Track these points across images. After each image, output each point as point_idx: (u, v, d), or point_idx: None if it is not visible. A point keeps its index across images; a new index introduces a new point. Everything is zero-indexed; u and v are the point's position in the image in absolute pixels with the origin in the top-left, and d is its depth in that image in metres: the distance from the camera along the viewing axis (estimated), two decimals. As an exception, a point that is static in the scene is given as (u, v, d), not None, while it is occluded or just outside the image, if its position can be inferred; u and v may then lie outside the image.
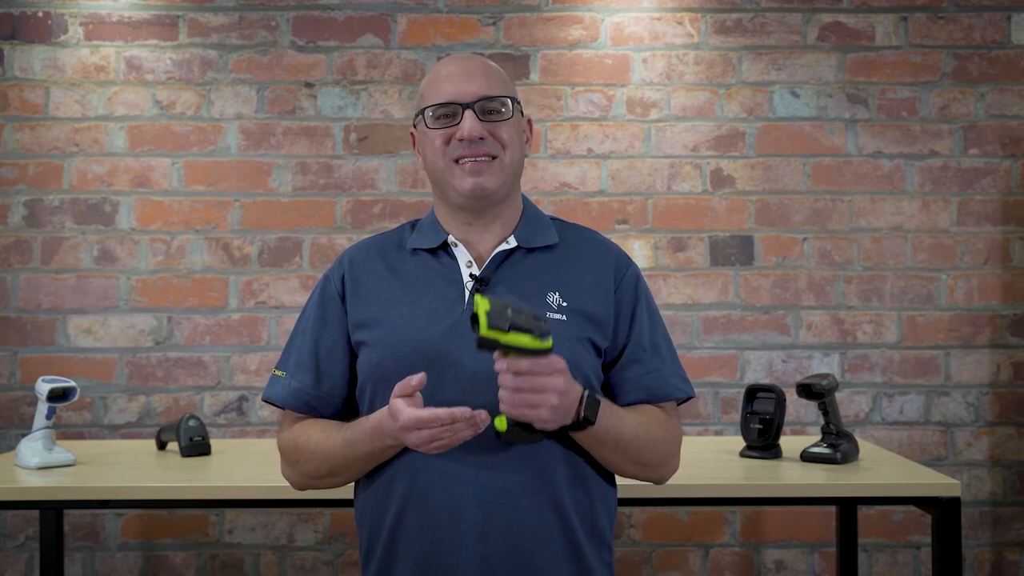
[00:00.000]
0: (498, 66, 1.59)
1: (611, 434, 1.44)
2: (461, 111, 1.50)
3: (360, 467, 1.50)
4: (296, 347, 1.59)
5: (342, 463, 1.49)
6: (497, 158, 1.51)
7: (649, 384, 1.54)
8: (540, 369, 1.33)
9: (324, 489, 1.60)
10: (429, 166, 1.56)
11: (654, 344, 1.57)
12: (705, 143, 3.16)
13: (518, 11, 3.16)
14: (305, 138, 3.15)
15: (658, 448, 1.53)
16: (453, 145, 1.50)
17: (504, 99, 1.52)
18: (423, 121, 1.54)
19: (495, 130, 1.51)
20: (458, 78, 1.52)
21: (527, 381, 1.33)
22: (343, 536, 3.12)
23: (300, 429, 1.56)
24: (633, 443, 1.48)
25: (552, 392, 1.33)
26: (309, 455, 1.52)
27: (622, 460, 1.50)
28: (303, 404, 1.57)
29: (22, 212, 3.13)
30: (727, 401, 3.13)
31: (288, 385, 1.57)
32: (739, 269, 3.15)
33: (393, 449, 1.45)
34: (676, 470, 1.60)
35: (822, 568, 3.12)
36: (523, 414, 1.34)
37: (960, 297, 3.15)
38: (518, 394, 1.33)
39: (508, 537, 1.43)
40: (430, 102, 1.53)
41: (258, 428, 3.12)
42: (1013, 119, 3.17)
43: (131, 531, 3.11)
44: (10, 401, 3.11)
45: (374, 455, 1.47)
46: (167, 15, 3.15)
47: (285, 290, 3.13)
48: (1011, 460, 3.15)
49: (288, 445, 1.57)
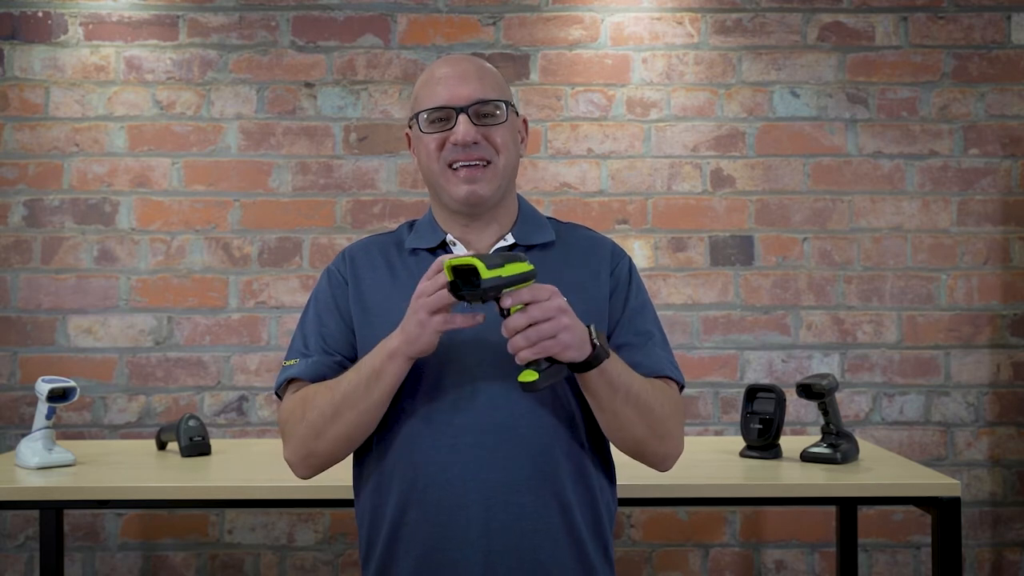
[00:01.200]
0: (492, 67, 1.58)
1: (622, 380, 1.42)
2: (455, 115, 1.50)
3: (364, 398, 1.43)
4: (304, 333, 1.57)
5: (345, 394, 1.44)
6: (491, 163, 1.51)
7: (640, 360, 1.52)
8: (541, 294, 1.32)
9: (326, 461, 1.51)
10: (424, 169, 1.56)
11: (647, 331, 1.57)
12: (705, 143, 3.16)
13: (518, 11, 3.16)
14: (305, 138, 3.15)
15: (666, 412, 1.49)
16: (447, 149, 1.50)
17: (498, 103, 1.52)
18: (417, 125, 1.54)
19: (489, 134, 1.51)
20: (452, 81, 1.51)
21: (536, 308, 1.31)
22: (343, 536, 3.12)
23: (308, 387, 1.52)
24: (643, 398, 1.45)
25: (561, 313, 1.32)
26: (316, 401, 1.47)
27: (633, 416, 1.45)
28: (322, 377, 1.53)
29: (22, 212, 3.13)
30: (727, 401, 3.13)
31: (305, 362, 1.54)
32: (739, 269, 3.15)
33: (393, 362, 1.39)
34: (680, 452, 1.56)
35: (822, 568, 3.12)
36: (544, 347, 1.31)
37: (960, 297, 3.15)
38: (532, 329, 1.31)
39: (511, 534, 1.43)
40: (424, 106, 1.53)
41: (258, 428, 3.12)
42: (1013, 119, 3.17)
43: (131, 531, 3.11)
44: (10, 401, 3.11)
45: (375, 371, 1.41)
46: (167, 15, 3.15)
47: (285, 290, 3.13)
48: (1011, 460, 3.15)
49: (296, 402, 1.51)
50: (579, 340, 1.34)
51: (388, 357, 1.41)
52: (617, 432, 1.47)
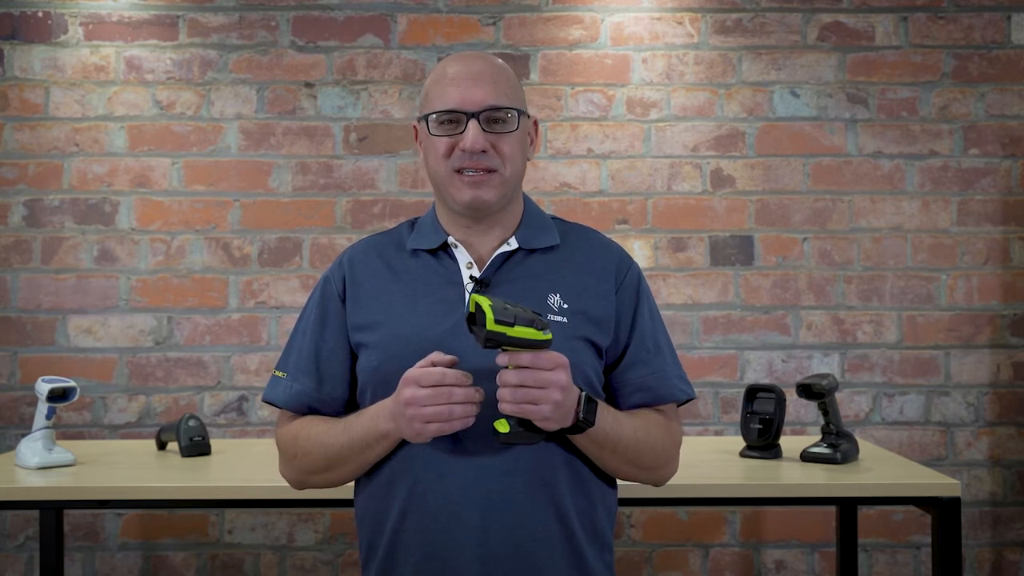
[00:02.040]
0: (506, 65, 1.55)
1: (609, 437, 1.44)
2: (466, 120, 1.48)
3: (355, 459, 1.48)
4: (296, 348, 1.58)
5: (338, 454, 1.48)
6: (497, 172, 1.50)
7: (652, 385, 1.54)
8: (543, 363, 1.32)
9: (321, 488, 1.58)
10: (430, 169, 1.55)
11: (656, 345, 1.57)
12: (705, 143, 3.16)
13: (518, 11, 3.16)
14: (305, 138, 3.15)
15: (656, 451, 1.53)
16: (456, 155, 1.49)
17: (510, 110, 1.50)
18: (426, 125, 1.52)
19: (498, 143, 1.49)
20: (465, 83, 1.49)
21: (530, 375, 1.32)
22: (343, 536, 3.12)
23: (300, 424, 1.55)
24: (632, 446, 1.48)
25: (555, 387, 1.33)
26: (308, 448, 1.52)
27: (620, 463, 1.49)
28: (304, 406, 1.56)
29: (22, 212, 3.13)
30: (727, 401, 3.13)
31: (290, 387, 1.56)
32: (739, 269, 3.15)
33: (386, 440, 1.43)
34: (674, 473, 1.60)
35: (822, 568, 3.12)
36: (524, 411, 1.33)
37: (960, 297, 3.15)
38: (520, 390, 1.32)
39: (509, 541, 1.42)
40: (435, 107, 1.50)
41: (258, 428, 3.12)
42: (1013, 119, 3.17)
43: (131, 531, 3.11)
44: (10, 401, 3.11)
45: (367, 443, 1.45)
46: (167, 15, 3.15)
47: (285, 290, 3.13)
48: (1011, 460, 3.15)
49: (287, 440, 1.56)
50: (561, 415, 1.36)
51: (380, 437, 1.44)
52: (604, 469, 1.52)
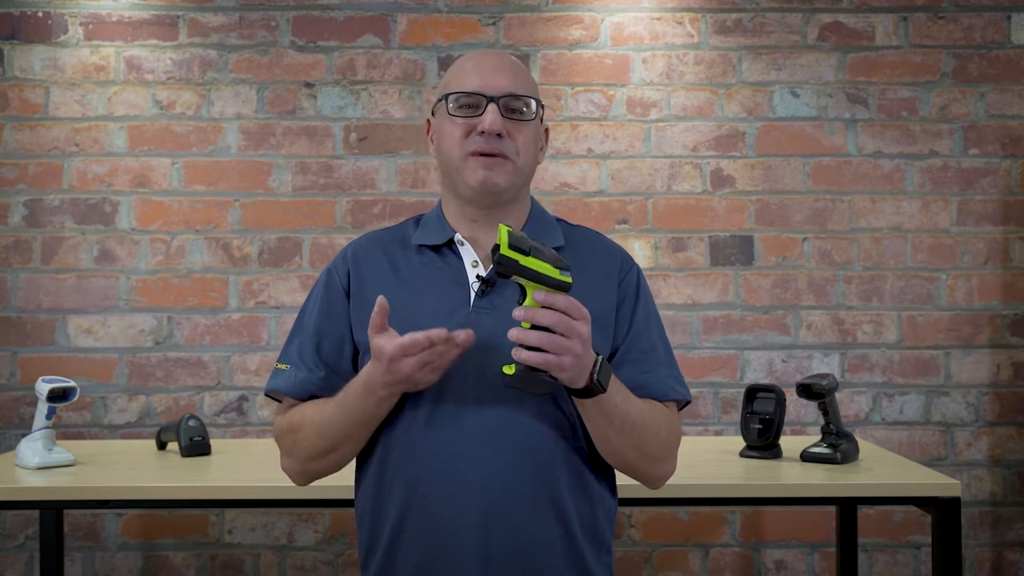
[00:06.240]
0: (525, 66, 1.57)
1: (619, 409, 1.41)
2: (485, 103, 1.49)
3: (357, 433, 1.46)
4: (300, 339, 1.58)
5: (339, 431, 1.46)
6: (510, 159, 1.50)
7: (645, 383, 1.52)
8: (574, 312, 1.30)
9: (324, 474, 1.55)
10: (443, 156, 1.54)
11: (651, 345, 1.56)
12: (705, 143, 3.16)
13: (518, 11, 3.16)
14: (305, 138, 3.15)
15: (661, 439, 1.50)
16: (472, 139, 1.49)
17: (529, 99, 1.51)
18: (445, 108, 1.52)
19: (514, 131, 1.50)
20: (487, 70, 1.51)
21: (561, 320, 1.28)
22: (343, 536, 3.12)
23: (296, 411, 1.54)
24: (639, 426, 1.44)
25: (578, 338, 1.30)
26: (305, 432, 1.50)
27: (626, 445, 1.45)
28: (308, 394, 1.54)
29: (22, 212, 3.13)
30: (727, 401, 3.13)
31: (294, 376, 1.54)
32: (739, 269, 3.15)
33: (387, 401, 1.42)
34: (672, 473, 1.58)
35: (822, 568, 3.12)
36: (544, 358, 1.28)
37: (960, 297, 3.15)
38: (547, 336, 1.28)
39: (509, 543, 1.42)
40: (455, 89, 1.51)
41: (258, 428, 3.12)
42: (1013, 119, 3.17)
43: (131, 531, 3.11)
44: (10, 401, 3.12)
45: (368, 413, 1.43)
46: (167, 15, 3.15)
47: (285, 290, 3.13)
48: (1011, 460, 3.16)
49: (285, 429, 1.54)
50: (579, 370, 1.32)
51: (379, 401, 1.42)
52: (608, 454, 1.48)
